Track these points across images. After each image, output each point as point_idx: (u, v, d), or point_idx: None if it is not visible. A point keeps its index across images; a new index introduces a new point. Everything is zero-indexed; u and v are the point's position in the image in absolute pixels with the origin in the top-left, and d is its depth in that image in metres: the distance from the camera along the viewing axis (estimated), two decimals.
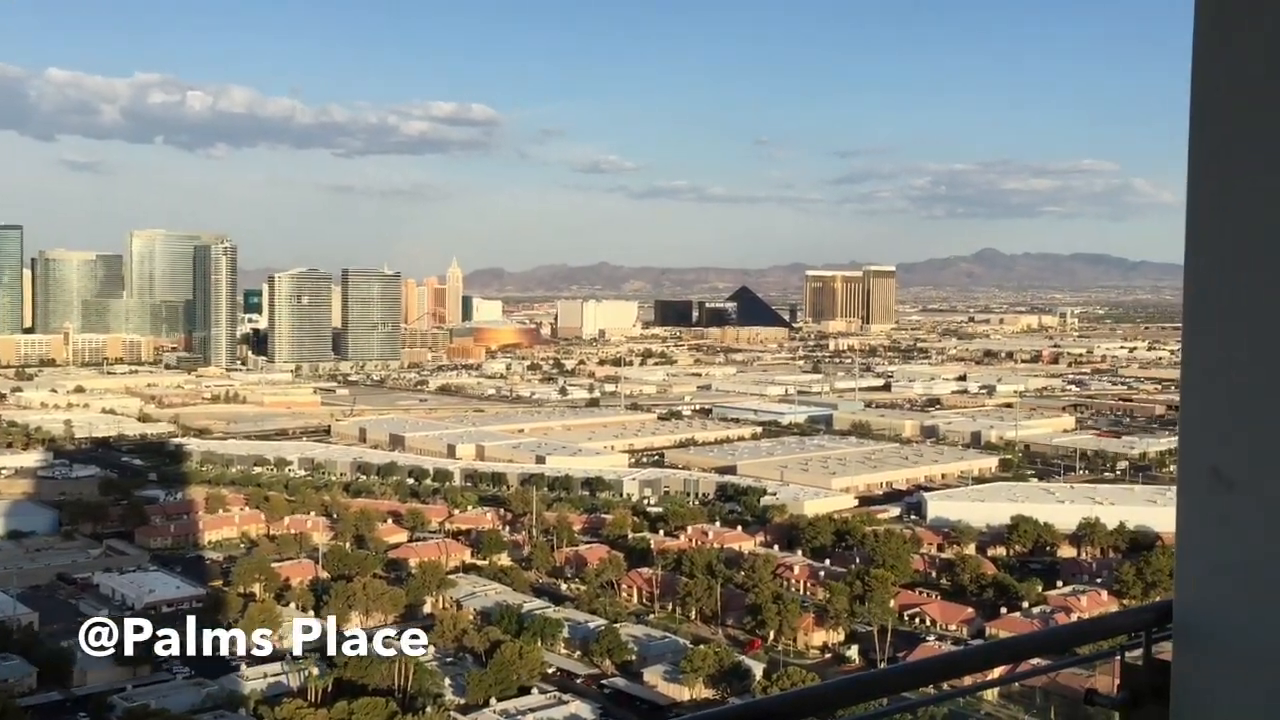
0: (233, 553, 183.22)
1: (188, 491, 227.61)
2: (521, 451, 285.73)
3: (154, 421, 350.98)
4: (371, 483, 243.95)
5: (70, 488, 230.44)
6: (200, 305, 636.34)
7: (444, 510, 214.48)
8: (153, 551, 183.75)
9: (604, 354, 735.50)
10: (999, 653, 6.95)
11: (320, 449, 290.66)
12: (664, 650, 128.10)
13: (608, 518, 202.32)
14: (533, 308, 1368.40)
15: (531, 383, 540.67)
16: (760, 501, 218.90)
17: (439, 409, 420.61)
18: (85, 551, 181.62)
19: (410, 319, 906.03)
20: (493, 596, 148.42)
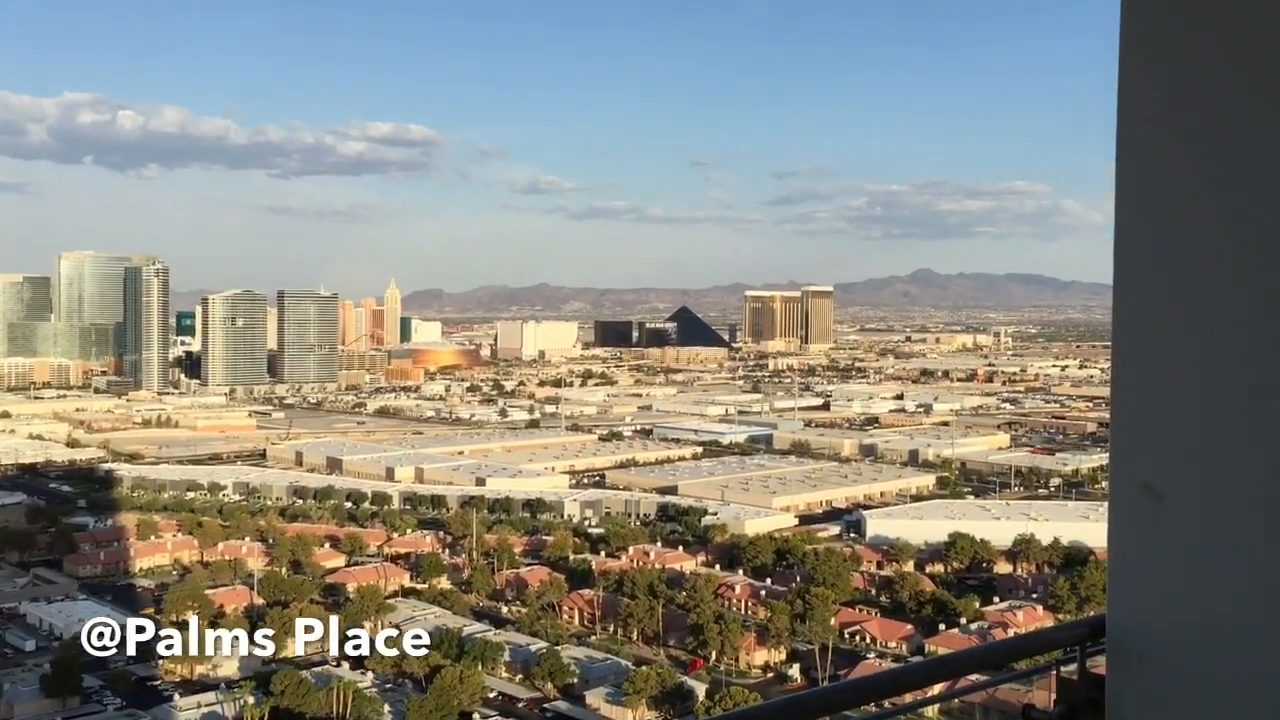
0: (165, 580, 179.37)
1: (118, 518, 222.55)
2: (461, 473, 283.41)
3: (83, 447, 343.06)
4: (308, 507, 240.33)
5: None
6: (131, 328, 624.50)
7: (383, 534, 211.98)
8: (82, 580, 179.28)
9: (544, 375, 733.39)
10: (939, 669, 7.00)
11: (255, 473, 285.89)
12: (606, 672, 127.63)
13: (549, 539, 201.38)
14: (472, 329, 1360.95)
15: (471, 404, 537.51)
16: (701, 521, 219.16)
17: (377, 431, 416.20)
18: (11, 581, 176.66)
19: (348, 341, 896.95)
20: (433, 621, 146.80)
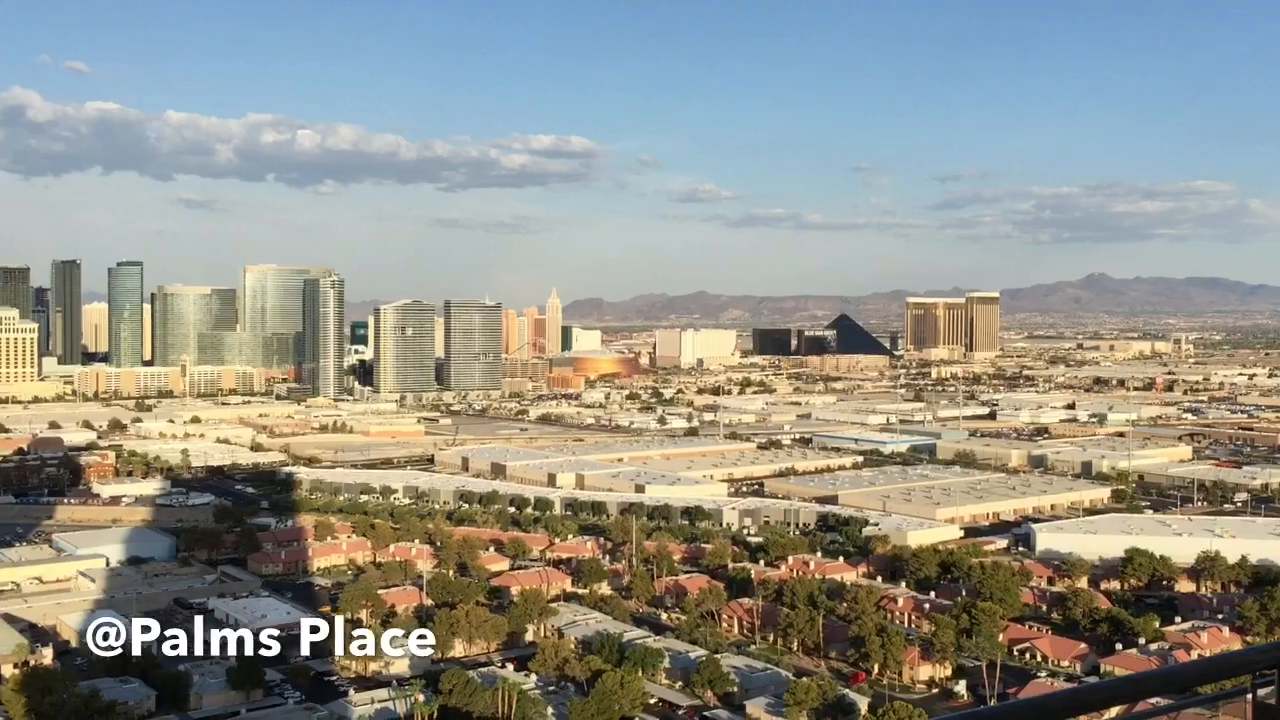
0: (340, 579, 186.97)
1: (297, 519, 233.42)
2: (621, 480, 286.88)
3: (265, 451, 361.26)
4: (474, 511, 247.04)
5: (187, 515, 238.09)
6: (309, 337, 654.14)
7: (545, 539, 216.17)
8: (264, 578, 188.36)
9: (702, 383, 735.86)
10: (1119, 691, 6.86)
11: (424, 477, 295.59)
12: (766, 682, 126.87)
13: (707, 547, 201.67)
14: (631, 337, 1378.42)
15: (630, 412, 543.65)
16: (862, 532, 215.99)
17: (539, 438, 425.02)
18: (201, 577, 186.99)
19: (511, 349, 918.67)
20: (593, 625, 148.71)
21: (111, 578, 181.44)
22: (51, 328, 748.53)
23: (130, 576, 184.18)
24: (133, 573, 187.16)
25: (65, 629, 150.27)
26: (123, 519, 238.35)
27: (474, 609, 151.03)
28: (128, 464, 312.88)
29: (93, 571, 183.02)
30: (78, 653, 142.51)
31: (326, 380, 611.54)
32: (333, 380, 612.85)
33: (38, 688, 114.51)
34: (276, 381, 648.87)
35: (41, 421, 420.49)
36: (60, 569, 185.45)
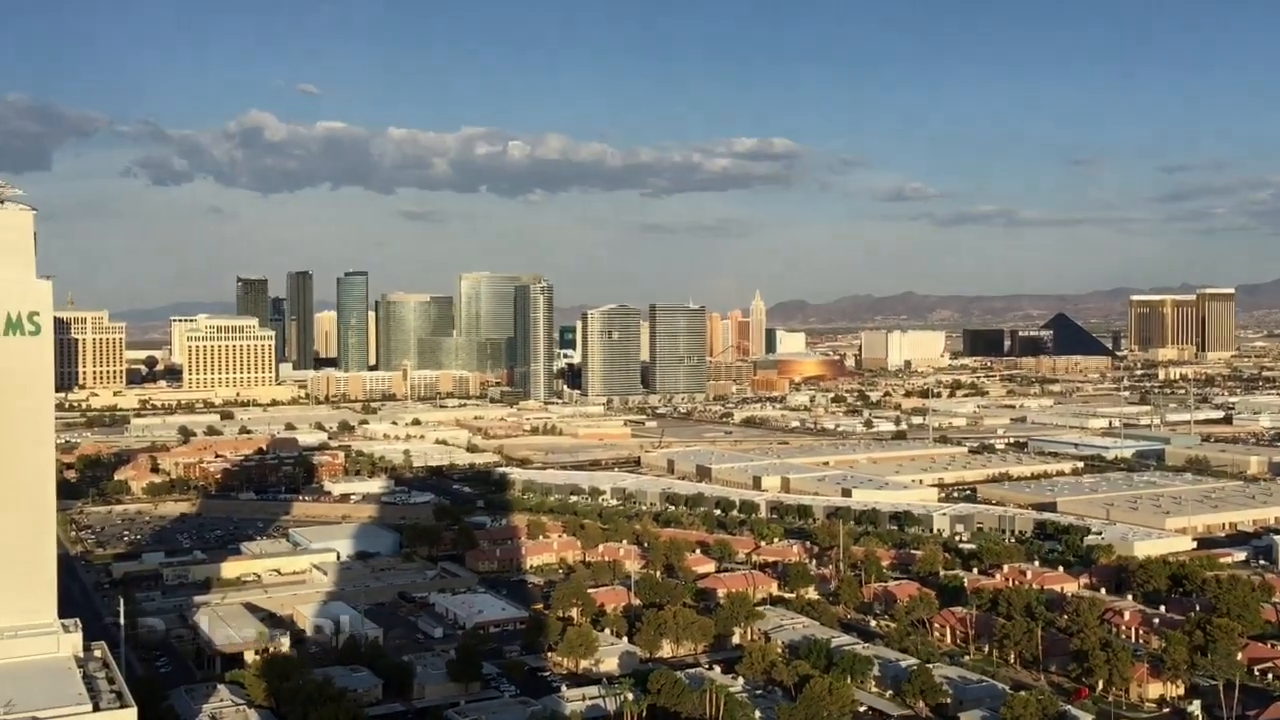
0: (552, 577, 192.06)
1: (511, 518, 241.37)
2: (827, 484, 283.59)
3: (481, 452, 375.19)
4: (680, 513, 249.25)
5: (409, 512, 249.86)
6: (520, 342, 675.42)
7: (751, 541, 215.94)
8: (481, 574, 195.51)
9: (910, 385, 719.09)
10: None
11: (631, 479, 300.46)
12: (981, 694, 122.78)
13: (917, 553, 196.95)
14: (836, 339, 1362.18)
15: (836, 415, 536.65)
16: (1083, 541, 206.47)
17: (744, 441, 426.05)
18: (422, 572, 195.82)
19: (715, 352, 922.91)
20: (800, 630, 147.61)
21: (342, 571, 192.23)
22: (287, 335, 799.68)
23: (358, 570, 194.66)
24: (361, 567, 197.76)
25: (301, 618, 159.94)
26: (351, 515, 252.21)
27: (681, 610, 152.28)
28: (355, 463, 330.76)
29: (325, 565, 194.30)
30: (312, 641, 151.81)
31: (537, 383, 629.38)
32: (543, 383, 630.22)
33: (276, 673, 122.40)
34: (490, 385, 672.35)
35: (278, 423, 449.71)
36: (296, 562, 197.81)
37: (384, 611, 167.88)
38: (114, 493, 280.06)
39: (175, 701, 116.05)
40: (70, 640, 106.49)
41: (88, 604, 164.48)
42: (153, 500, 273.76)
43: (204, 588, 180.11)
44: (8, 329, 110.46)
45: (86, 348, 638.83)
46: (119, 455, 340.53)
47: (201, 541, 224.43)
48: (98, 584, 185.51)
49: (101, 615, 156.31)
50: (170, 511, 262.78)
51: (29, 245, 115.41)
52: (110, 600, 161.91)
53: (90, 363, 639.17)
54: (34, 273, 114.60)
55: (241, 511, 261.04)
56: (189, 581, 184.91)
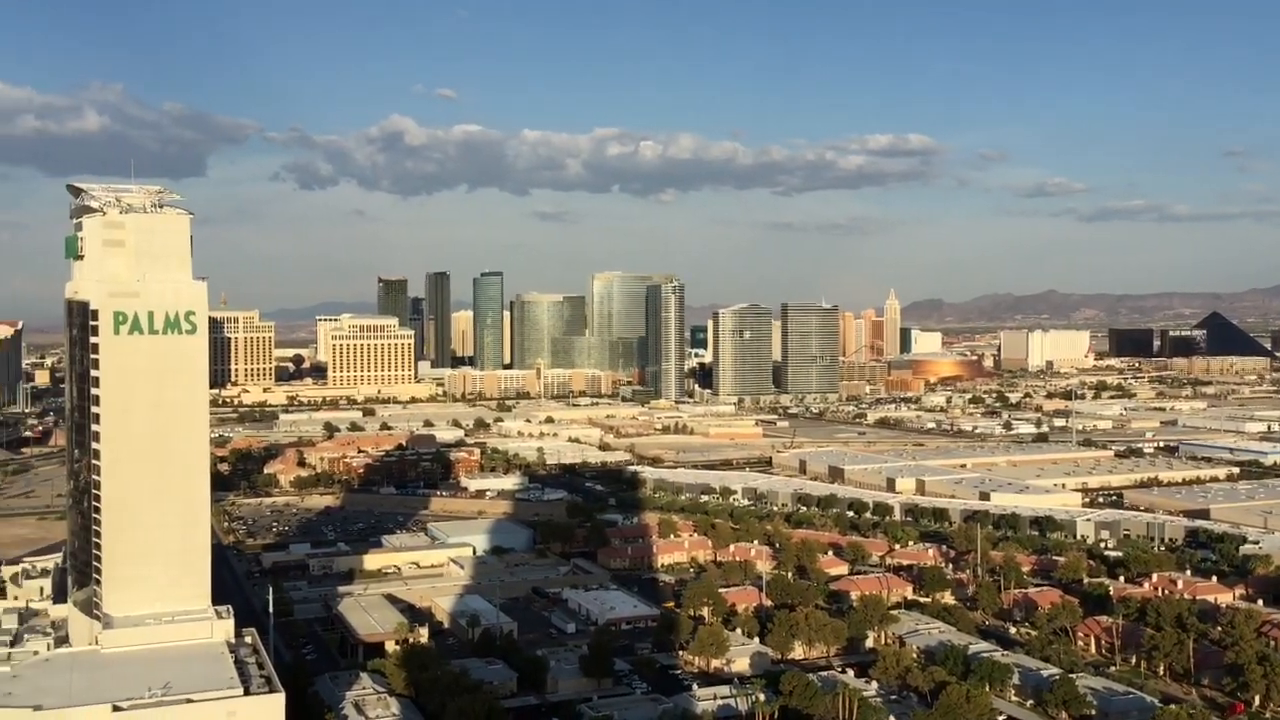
0: (683, 576, 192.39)
1: (642, 516, 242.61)
2: (964, 487, 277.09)
3: (612, 450, 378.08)
4: (812, 514, 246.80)
5: (542, 509, 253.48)
6: (652, 341, 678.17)
7: (884, 544, 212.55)
8: (612, 571, 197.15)
9: (1052, 386, 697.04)
10: None
11: (762, 479, 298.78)
12: (1128, 707, 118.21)
13: (1059, 560, 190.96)
14: (974, 339, 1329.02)
15: (973, 416, 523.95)
16: (1239, 550, 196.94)
17: (877, 442, 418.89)
18: (555, 568, 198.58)
19: (848, 351, 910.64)
20: (936, 635, 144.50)
21: (478, 565, 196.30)
22: (425, 334, 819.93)
23: (494, 565, 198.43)
24: (496, 561, 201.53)
25: (439, 610, 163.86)
26: (487, 511, 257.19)
27: (813, 612, 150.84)
28: (491, 460, 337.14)
29: (462, 559, 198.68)
30: (449, 633, 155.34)
31: (668, 383, 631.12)
32: (674, 383, 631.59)
33: (416, 663, 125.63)
34: (622, 384, 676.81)
35: (417, 420, 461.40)
36: (434, 555, 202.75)
37: (518, 606, 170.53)
38: (264, 485, 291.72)
39: (320, 688, 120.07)
40: (223, 626, 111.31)
41: (239, 592, 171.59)
42: (299, 493, 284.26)
43: (347, 578, 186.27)
44: (166, 327, 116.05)
45: (238, 346, 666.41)
46: (268, 449, 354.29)
47: (345, 534, 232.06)
48: (248, 573, 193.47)
49: (252, 603, 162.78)
50: (316, 504, 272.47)
51: (186, 248, 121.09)
52: (260, 589, 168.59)
53: (242, 360, 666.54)
54: (190, 274, 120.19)
55: (382, 506, 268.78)
56: (333, 572, 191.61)
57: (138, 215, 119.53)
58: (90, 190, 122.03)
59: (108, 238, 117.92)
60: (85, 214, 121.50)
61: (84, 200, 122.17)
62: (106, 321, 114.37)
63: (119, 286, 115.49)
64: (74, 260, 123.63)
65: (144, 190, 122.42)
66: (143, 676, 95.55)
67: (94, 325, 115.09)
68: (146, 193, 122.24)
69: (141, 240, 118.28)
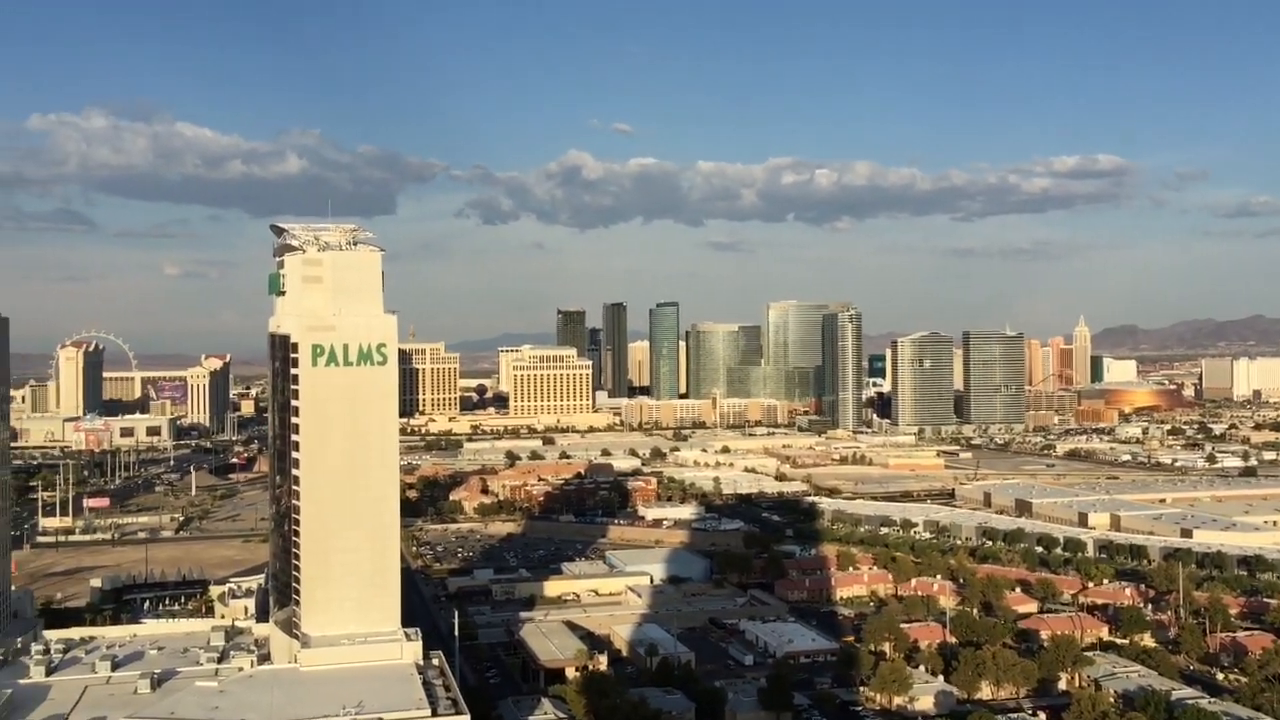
0: (862, 610, 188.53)
1: (820, 548, 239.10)
2: (1163, 523, 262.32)
3: (789, 480, 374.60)
4: (998, 548, 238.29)
5: (719, 539, 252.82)
6: (828, 370, 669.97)
7: (1077, 582, 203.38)
8: (790, 603, 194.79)
9: (1260, 417, 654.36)
10: None
11: (945, 512, 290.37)
12: None
13: (1271, 602, 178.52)
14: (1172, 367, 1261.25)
15: (1173, 448, 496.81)
16: None
17: (1067, 474, 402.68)
18: (733, 599, 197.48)
19: (1034, 380, 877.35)
20: (1135, 679, 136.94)
21: (655, 594, 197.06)
22: (603, 364, 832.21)
23: (671, 594, 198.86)
24: (673, 591, 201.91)
25: (617, 638, 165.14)
26: (663, 540, 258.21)
27: (1001, 650, 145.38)
28: (667, 489, 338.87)
29: (639, 587, 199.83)
30: (627, 661, 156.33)
31: (845, 412, 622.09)
32: (851, 412, 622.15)
33: (595, 690, 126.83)
34: (798, 413, 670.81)
35: (595, 449, 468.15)
36: (612, 583, 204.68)
37: (695, 636, 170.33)
38: (449, 512, 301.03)
39: (503, 711, 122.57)
40: (412, 648, 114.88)
41: (426, 615, 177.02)
42: (483, 520, 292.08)
43: (528, 604, 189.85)
44: (360, 359, 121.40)
45: (425, 377, 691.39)
46: (453, 477, 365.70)
47: (526, 560, 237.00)
48: (435, 597, 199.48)
49: (438, 626, 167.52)
50: (498, 531, 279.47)
51: (378, 283, 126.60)
52: (445, 612, 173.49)
53: (428, 390, 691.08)
54: (381, 308, 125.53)
55: (562, 533, 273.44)
56: (515, 598, 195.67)
57: (334, 253, 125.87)
58: (291, 230, 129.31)
59: (307, 274, 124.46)
60: (287, 252, 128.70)
61: (285, 239, 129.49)
62: (305, 354, 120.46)
63: (317, 320, 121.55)
64: (276, 296, 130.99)
65: (339, 229, 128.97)
66: (338, 695, 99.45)
67: (294, 357, 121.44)
68: (342, 231, 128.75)
69: (337, 276, 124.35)
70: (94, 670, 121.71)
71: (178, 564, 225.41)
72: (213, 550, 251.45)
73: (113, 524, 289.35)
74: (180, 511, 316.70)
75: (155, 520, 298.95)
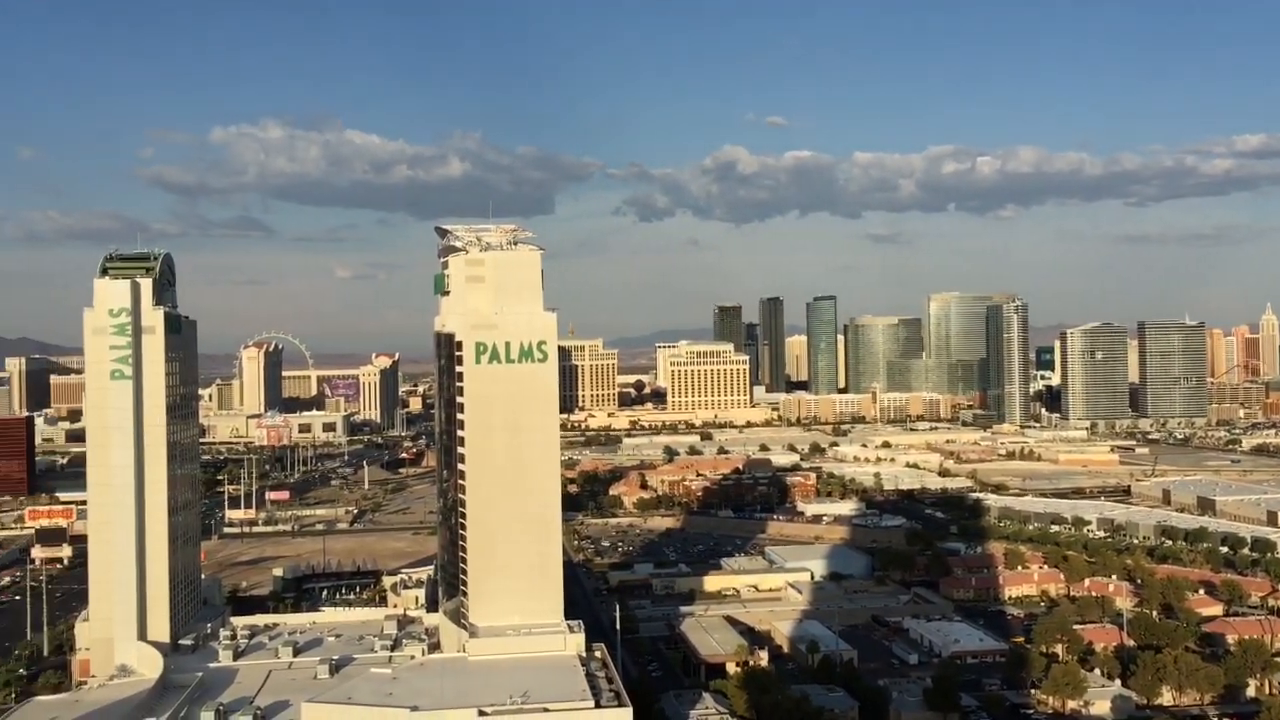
0: (1032, 610, 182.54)
1: (986, 546, 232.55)
2: None
3: (952, 476, 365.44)
4: (1178, 548, 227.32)
5: (880, 536, 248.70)
6: (993, 363, 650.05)
7: (1266, 584, 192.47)
8: (955, 602, 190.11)
9: None
10: None
11: (1120, 510, 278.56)
12: None
13: None
14: None
15: None
16: None
17: (1255, 471, 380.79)
18: (895, 597, 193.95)
19: (1217, 372, 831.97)
20: None
21: (815, 591, 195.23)
22: (760, 359, 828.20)
23: (831, 591, 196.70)
24: (834, 588, 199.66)
25: (778, 634, 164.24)
26: (823, 536, 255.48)
27: (1183, 655, 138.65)
28: (826, 485, 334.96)
29: (799, 584, 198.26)
30: (788, 657, 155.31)
31: (1011, 406, 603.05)
32: (1018, 406, 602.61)
33: (756, 686, 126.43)
34: (962, 408, 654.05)
35: (753, 444, 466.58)
36: (772, 579, 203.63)
37: (857, 634, 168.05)
38: (609, 507, 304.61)
39: (665, 705, 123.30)
40: (575, 640, 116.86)
41: (588, 608, 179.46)
42: (642, 515, 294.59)
43: (688, 599, 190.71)
44: (521, 356, 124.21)
45: (584, 373, 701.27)
46: (613, 472, 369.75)
47: (685, 555, 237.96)
48: (596, 590, 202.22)
49: (600, 619, 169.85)
50: (657, 526, 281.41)
51: (538, 281, 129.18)
52: (607, 606, 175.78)
53: (587, 386, 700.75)
54: (541, 306, 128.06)
55: (720, 528, 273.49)
56: (675, 592, 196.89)
57: (496, 253, 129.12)
58: (454, 231, 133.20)
59: (470, 274, 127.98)
60: (450, 253, 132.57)
61: (449, 240, 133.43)
62: (469, 351, 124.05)
63: (480, 319, 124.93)
64: (441, 296, 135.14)
65: (500, 229, 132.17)
66: (504, 684, 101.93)
67: (458, 355, 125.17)
68: (503, 231, 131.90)
69: (499, 275, 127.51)
70: (277, 655, 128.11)
71: (352, 555, 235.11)
72: (384, 542, 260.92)
73: (292, 516, 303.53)
74: (354, 504, 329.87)
75: (331, 513, 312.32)
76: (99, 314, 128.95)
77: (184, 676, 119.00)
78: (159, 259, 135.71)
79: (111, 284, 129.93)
